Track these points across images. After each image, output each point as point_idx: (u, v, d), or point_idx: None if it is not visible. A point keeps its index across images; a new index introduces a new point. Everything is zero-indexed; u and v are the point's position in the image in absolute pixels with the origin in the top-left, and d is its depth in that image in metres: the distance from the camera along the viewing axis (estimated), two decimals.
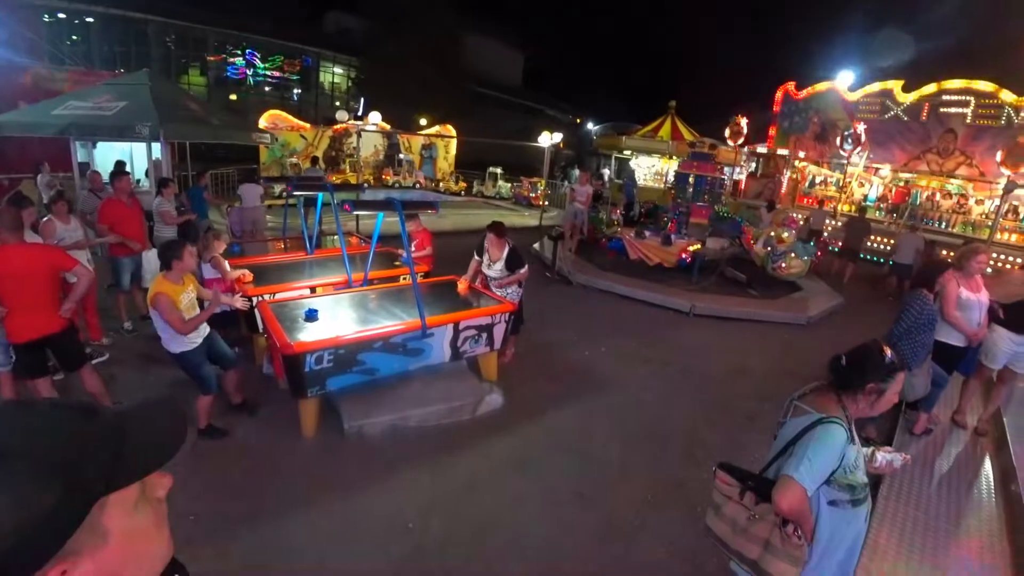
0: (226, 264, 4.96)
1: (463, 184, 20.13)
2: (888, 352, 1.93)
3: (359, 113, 18.41)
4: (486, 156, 22.96)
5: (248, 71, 32.91)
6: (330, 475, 3.68)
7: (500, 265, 5.17)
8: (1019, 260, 10.45)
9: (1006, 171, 11.07)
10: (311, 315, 4.26)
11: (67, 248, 4.69)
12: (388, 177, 19.03)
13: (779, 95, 16.97)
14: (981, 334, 4.33)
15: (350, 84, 36.34)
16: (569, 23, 56.68)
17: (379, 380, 4.33)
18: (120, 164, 8.22)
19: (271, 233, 9.30)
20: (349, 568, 3.00)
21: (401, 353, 4.31)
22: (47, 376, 3.91)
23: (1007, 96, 12.80)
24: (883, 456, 2.10)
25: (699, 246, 9.21)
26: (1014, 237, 12.03)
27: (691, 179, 10.27)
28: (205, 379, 3.88)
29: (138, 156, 10.72)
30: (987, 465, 4.31)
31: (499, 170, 19.48)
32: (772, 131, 17.21)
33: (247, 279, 5.06)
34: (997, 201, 11.74)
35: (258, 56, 33.06)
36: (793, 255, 9.08)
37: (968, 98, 13.41)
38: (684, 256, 9.04)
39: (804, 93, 16.43)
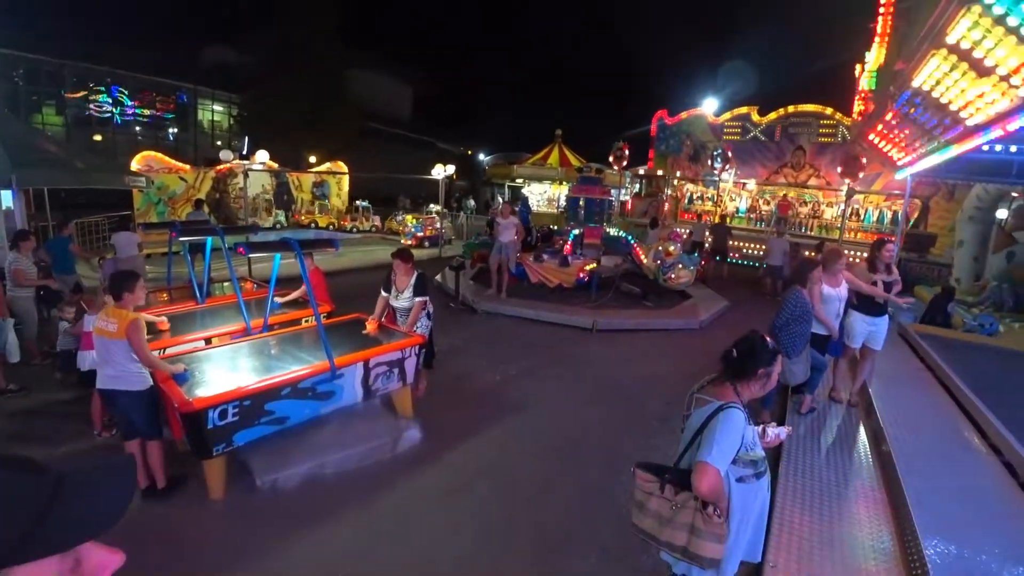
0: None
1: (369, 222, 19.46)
2: (768, 340, 2.26)
3: (243, 152, 17.55)
4: (380, 191, 22.79)
5: (114, 109, 30.31)
6: (245, 539, 3.44)
7: (408, 293, 5.18)
8: (863, 254, 12.14)
9: (846, 180, 12.88)
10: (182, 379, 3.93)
11: None
12: (347, 223, 18.57)
13: (655, 121, 18.51)
14: (835, 327, 5.03)
15: (232, 122, 34.56)
16: (456, 57, 58.06)
17: (290, 429, 4.16)
18: None
19: (153, 284, 8.63)
20: None
21: (311, 398, 4.18)
22: None
23: (841, 117, 15.07)
24: (772, 431, 2.40)
25: (595, 265, 9.76)
26: (858, 235, 14.07)
27: (582, 202, 10.91)
28: (159, 422, 3.64)
29: None
30: (861, 431, 5.00)
31: (408, 201, 19.25)
32: (651, 154, 18.71)
33: (164, 327, 4.74)
34: (843, 206, 13.61)
35: (125, 93, 30.57)
36: (681, 266, 9.88)
37: (811, 120, 15.60)
38: (582, 275, 9.54)
39: (676, 119, 18.07)
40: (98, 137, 29.96)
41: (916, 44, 4.64)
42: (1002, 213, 10.54)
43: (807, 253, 12.01)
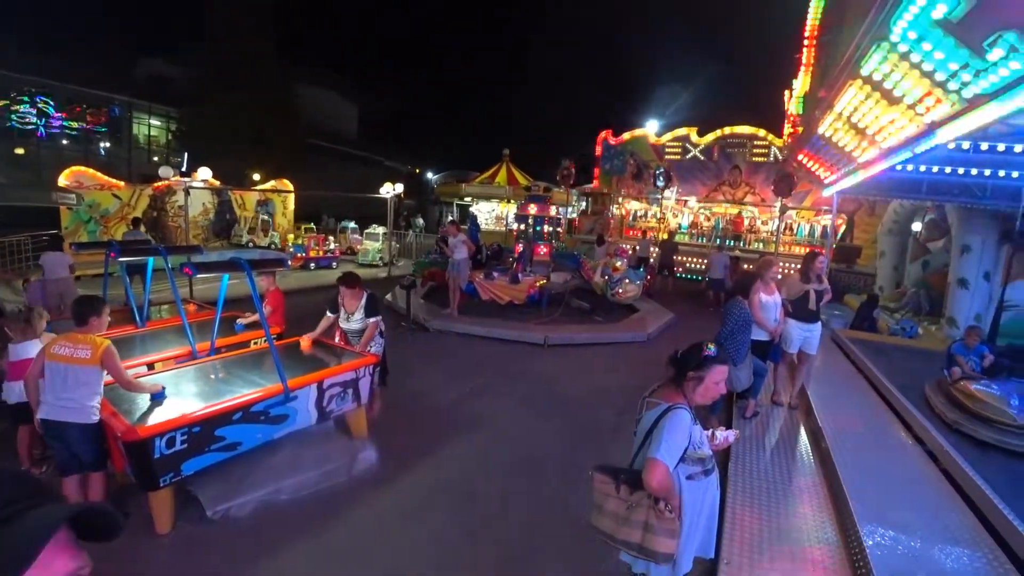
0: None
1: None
2: (710, 348, 2.38)
3: (184, 168, 16.88)
4: (328, 210, 22.38)
5: (38, 120, 28.47)
6: (196, 574, 3.32)
7: (359, 315, 5.14)
8: (797, 266, 12.93)
9: (779, 197, 13.72)
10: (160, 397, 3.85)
11: None
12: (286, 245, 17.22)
13: (599, 141, 19.12)
14: (779, 329, 5.38)
15: (170, 137, 33.15)
16: (403, 75, 58.12)
17: (242, 455, 4.02)
18: None
19: None
20: None
21: (264, 422, 4.07)
22: None
23: (772, 138, 16.05)
24: (721, 434, 2.55)
25: (545, 281, 9.96)
26: (792, 248, 14.99)
27: (530, 220, 11.13)
28: (106, 453, 3.54)
29: None
30: (802, 431, 5.31)
31: (382, 229, 18.74)
32: (596, 173, 19.29)
33: None
34: (777, 221, 14.49)
35: (50, 103, 28.79)
36: (628, 281, 10.21)
37: (745, 140, 16.53)
38: (532, 292, 9.70)
39: (620, 139, 18.73)
40: (20, 150, 28.04)
41: (835, 75, 5.07)
42: (916, 226, 11.48)
43: (746, 266, 12.66)
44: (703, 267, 14.16)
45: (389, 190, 15.61)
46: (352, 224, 18.95)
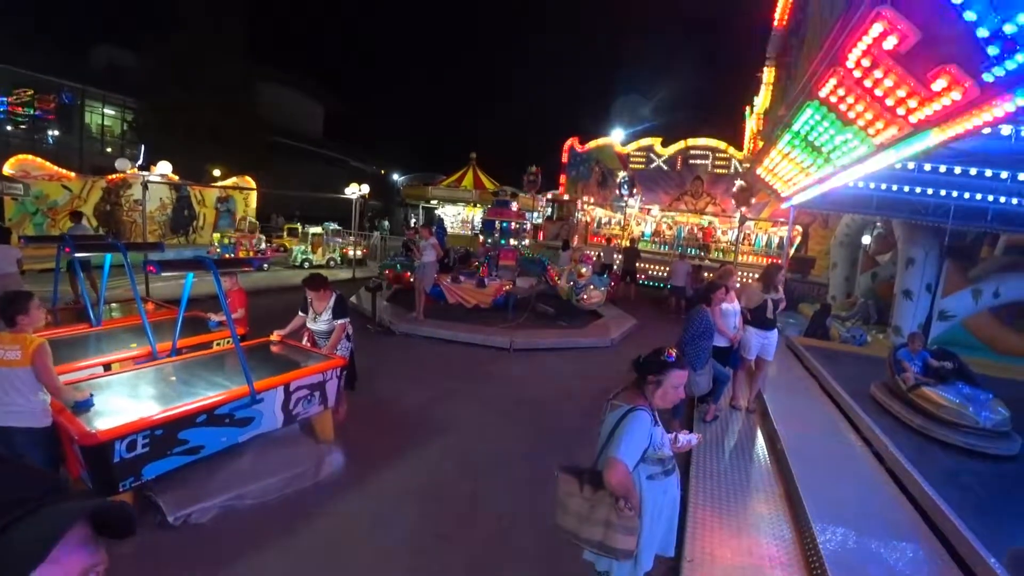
0: None
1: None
2: (670, 353, 2.47)
3: (140, 161, 16.23)
4: (289, 209, 21.92)
5: None
6: None
7: (327, 316, 5.10)
8: (755, 275, 13.40)
9: (739, 208, 14.23)
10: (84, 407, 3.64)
11: None
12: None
13: (566, 148, 19.39)
14: (738, 336, 5.61)
15: (126, 128, 31.78)
16: (368, 76, 57.47)
17: (205, 458, 3.93)
18: None
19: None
20: None
21: (228, 425, 3.99)
22: None
23: (733, 151, 16.62)
24: (683, 437, 2.66)
25: (511, 286, 10.05)
26: (751, 258, 15.50)
27: (497, 224, 11.21)
28: (57, 460, 3.44)
29: None
30: (759, 434, 5.54)
31: (318, 229, 18.25)
32: (562, 179, 19.55)
33: None
34: (736, 231, 14.99)
35: None
36: (592, 287, 10.38)
37: (708, 152, 17.07)
38: (498, 296, 9.77)
39: (586, 147, 19.05)
40: None
41: (794, 95, 5.33)
42: (866, 239, 12.09)
43: (707, 275, 13.05)
44: (665, 274, 14.50)
45: (355, 191, 15.43)
46: (334, 226, 18.44)
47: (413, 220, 21.30)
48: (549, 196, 19.55)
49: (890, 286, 10.10)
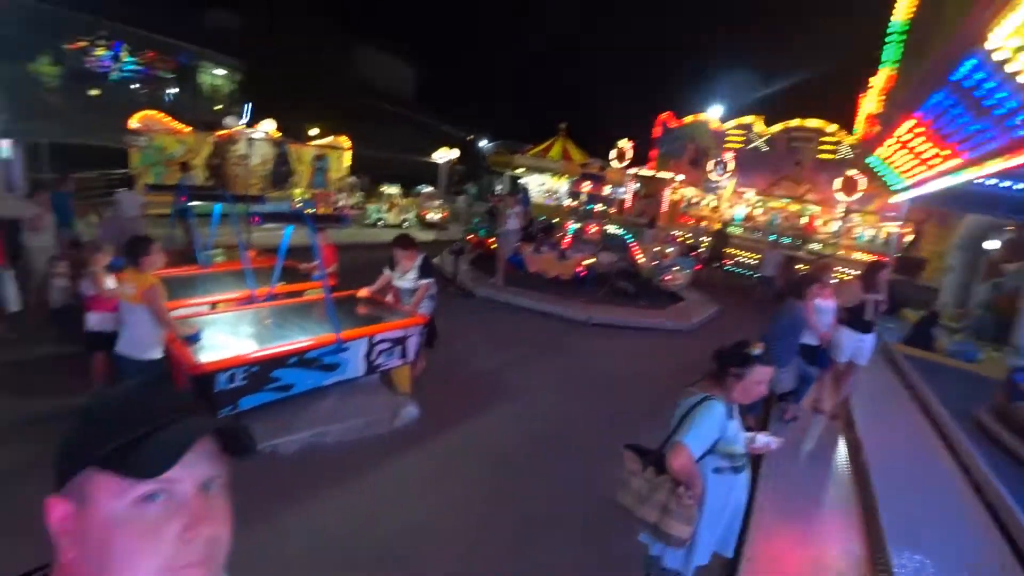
0: (108, 281, 4.58)
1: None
2: (757, 348, 2.36)
3: (245, 119, 17.31)
4: (379, 170, 22.56)
5: (114, 64, 29.64)
6: (243, 503, 3.53)
7: (413, 275, 5.26)
8: (856, 272, 12.41)
9: (843, 198, 13.14)
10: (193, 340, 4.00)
11: None
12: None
13: (659, 122, 18.61)
14: (830, 335, 5.22)
15: (233, 88, 33.99)
16: (463, 41, 57.54)
17: (293, 397, 4.26)
18: None
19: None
20: None
21: (316, 368, 4.28)
22: None
23: (842, 135, 15.25)
24: (763, 439, 2.55)
25: (593, 260, 9.92)
26: (853, 254, 14.29)
27: (583, 197, 11.04)
28: None
29: None
30: (840, 442, 5.20)
31: (395, 189, 18.81)
32: (653, 155, 18.82)
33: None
34: (838, 223, 13.89)
35: (126, 49, 29.89)
36: (676, 268, 10.07)
37: (813, 135, 15.76)
38: (579, 270, 9.69)
39: (680, 122, 18.19)
40: (95, 92, 29.26)
41: (922, 75, 4.76)
42: (991, 244, 10.80)
43: (800, 267, 12.23)
44: (755, 263, 13.76)
45: (443, 155, 15.66)
46: (428, 188, 18.81)
47: (498, 187, 21.30)
48: (638, 171, 18.93)
49: (1013, 300, 9.01)
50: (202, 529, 0.65)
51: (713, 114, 17.77)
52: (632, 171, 18.01)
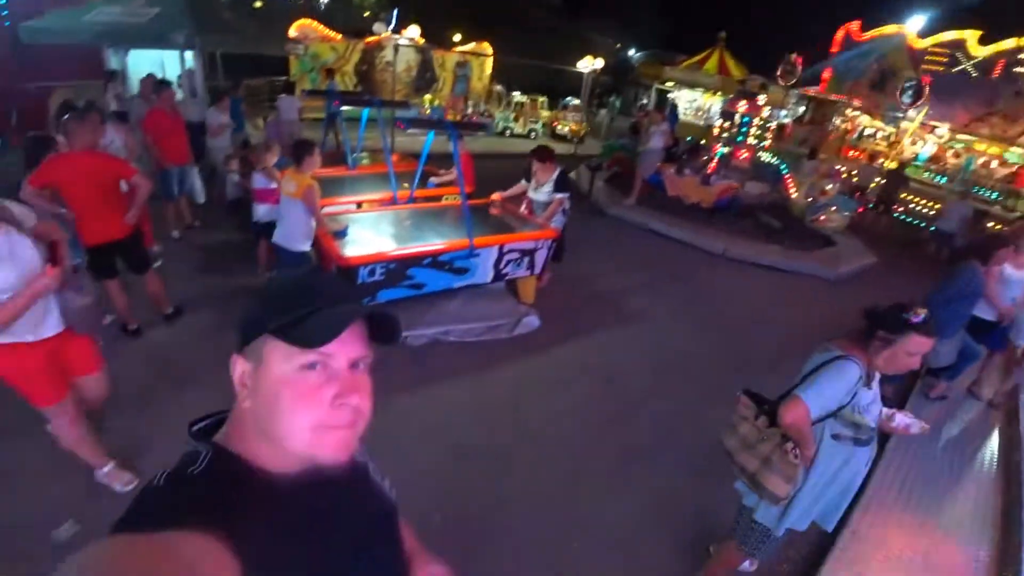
0: (278, 175, 5.07)
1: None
2: (919, 313, 1.95)
3: (393, 25, 17.60)
4: (519, 78, 22.01)
5: None
6: (374, 381, 3.91)
7: (548, 188, 5.20)
8: None
9: None
10: (341, 236, 4.33)
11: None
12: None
13: (840, 35, 15.92)
14: (1012, 311, 4.35)
15: None
16: None
17: (424, 295, 4.53)
18: (156, 77, 8.12)
19: None
20: (391, 466, 3.25)
21: (447, 271, 4.48)
22: (116, 278, 4.01)
23: None
24: (903, 418, 2.22)
25: (738, 189, 9.10)
26: None
27: (736, 118, 9.98)
28: None
29: (169, 65, 10.56)
30: (995, 435, 4.46)
31: (524, 97, 18.16)
32: (826, 74, 16.27)
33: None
34: None
35: None
36: (834, 208, 8.94)
37: None
38: (722, 198, 8.95)
39: (868, 35, 15.39)
40: (258, 3, 31.26)
41: None
42: None
43: (992, 226, 10.22)
44: (933, 213, 11.70)
45: (588, 65, 14.85)
46: (574, 100, 18.20)
47: (644, 101, 19.93)
48: (805, 92, 16.50)
49: None
50: (351, 398, 0.75)
51: (912, 27, 14.71)
52: (798, 91, 15.81)
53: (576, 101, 17.36)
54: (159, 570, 0.51)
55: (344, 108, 7.74)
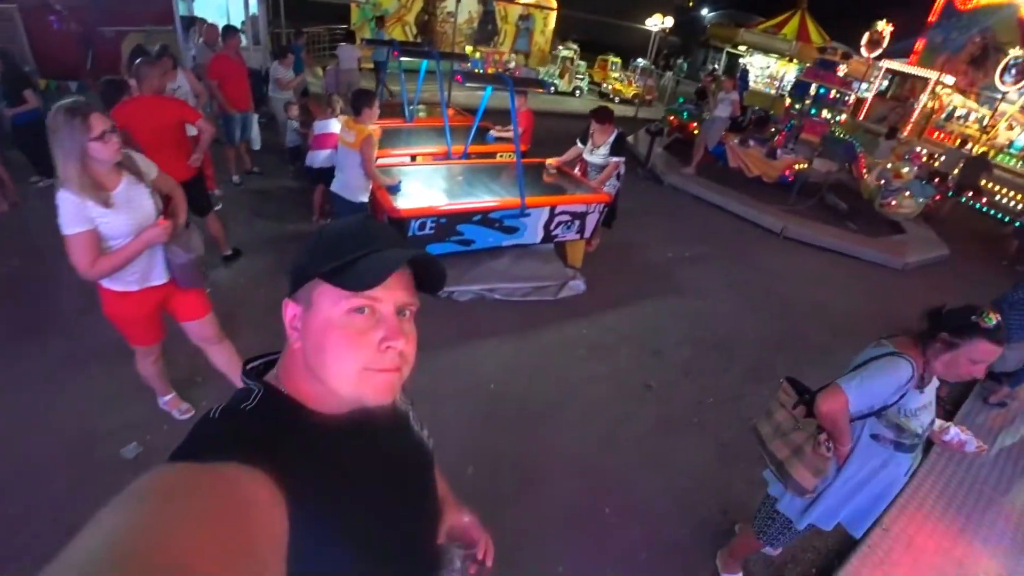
0: (333, 125, 5.14)
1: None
2: (991, 318, 1.78)
3: None
4: (582, 35, 21.18)
5: None
6: (419, 332, 4.01)
7: (604, 151, 5.07)
8: None
9: None
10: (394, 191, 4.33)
11: None
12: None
13: (940, 2, 14.56)
14: None
15: None
16: None
17: (472, 251, 4.55)
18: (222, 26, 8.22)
19: None
20: (428, 416, 3.34)
21: (497, 228, 4.47)
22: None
23: None
24: (957, 433, 2.06)
25: (805, 165, 8.63)
26: None
27: (812, 89, 9.38)
28: None
29: (234, 11, 10.64)
30: None
31: (570, 52, 17.40)
32: (919, 45, 14.98)
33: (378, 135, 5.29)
34: None
35: None
36: (908, 193, 8.33)
37: None
38: (787, 173, 8.53)
39: (973, 4, 14.00)
40: None
41: None
42: None
43: None
44: (1020, 207, 10.78)
45: (656, 22, 14.14)
46: (643, 62, 17.31)
47: (713, 66, 18.89)
48: (892, 65, 15.22)
49: None
50: (396, 343, 0.76)
51: None
52: (884, 63, 14.61)
53: (643, 62, 16.60)
54: (211, 498, 0.53)
55: (403, 59, 7.68)
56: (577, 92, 16.45)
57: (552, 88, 16.19)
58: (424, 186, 4.56)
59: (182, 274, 2.53)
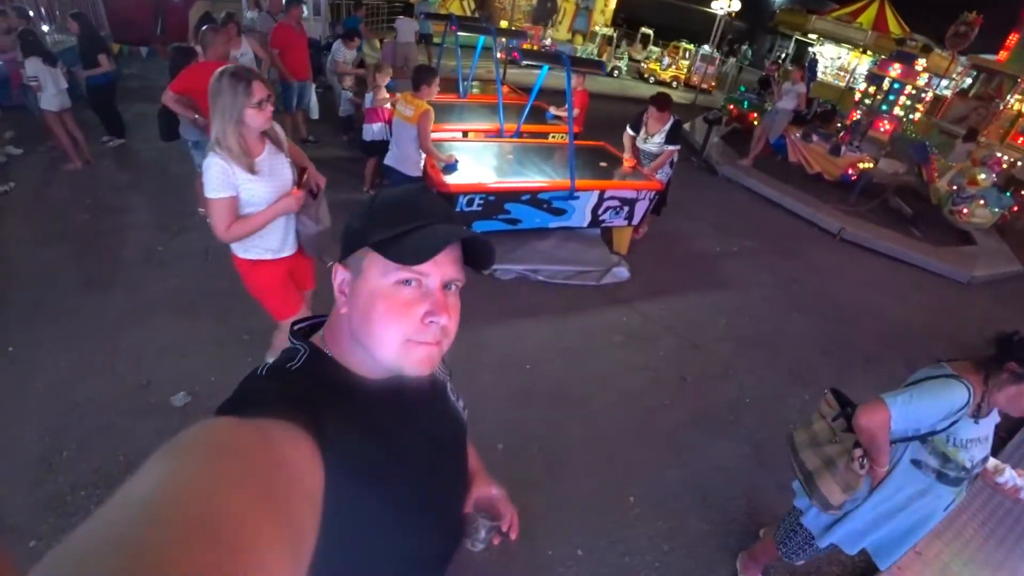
0: (388, 95, 5.19)
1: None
2: None
3: None
4: (644, 16, 20.52)
5: None
6: (464, 307, 4.05)
7: (659, 139, 4.96)
8: None
9: None
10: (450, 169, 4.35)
11: None
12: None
13: None
14: None
15: None
16: None
17: (518, 231, 4.56)
18: None
19: None
20: (463, 390, 3.40)
21: (545, 210, 4.47)
22: None
23: None
24: (1013, 476, 1.93)
25: (871, 165, 8.21)
26: None
27: (885, 83, 8.86)
28: None
29: None
30: None
31: (608, 30, 16.67)
32: (1011, 40, 13.84)
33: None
34: None
35: None
36: (982, 202, 7.79)
37: None
38: (850, 172, 8.14)
39: None
40: None
41: None
42: None
43: None
44: None
45: (723, 6, 13.57)
46: (705, 48, 16.89)
47: (780, 55, 17.97)
48: (977, 61, 14.11)
49: None
50: (440, 317, 0.77)
51: None
52: (968, 58, 13.57)
53: (706, 49, 16.00)
54: (253, 452, 0.55)
55: (460, 34, 7.67)
56: (615, 72, 16.01)
57: (616, 72, 15.73)
58: (474, 162, 4.57)
59: (310, 245, 2.61)
